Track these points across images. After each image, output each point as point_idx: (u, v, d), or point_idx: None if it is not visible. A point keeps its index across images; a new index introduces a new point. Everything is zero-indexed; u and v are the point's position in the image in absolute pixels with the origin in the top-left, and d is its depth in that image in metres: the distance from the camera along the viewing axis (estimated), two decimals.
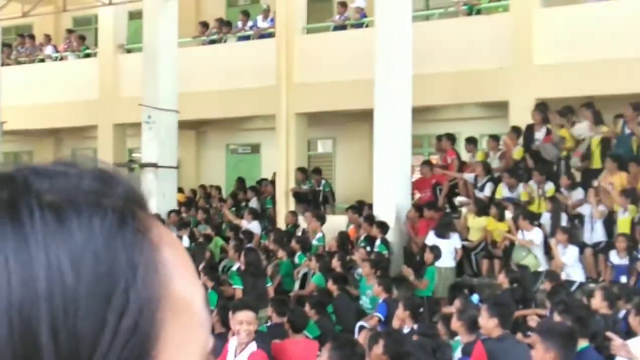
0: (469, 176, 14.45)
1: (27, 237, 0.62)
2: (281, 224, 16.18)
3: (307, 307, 9.93)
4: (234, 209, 17.28)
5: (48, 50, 22.25)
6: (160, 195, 16.11)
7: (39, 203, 0.63)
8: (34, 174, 0.66)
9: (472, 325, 7.25)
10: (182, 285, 0.67)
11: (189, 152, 21.04)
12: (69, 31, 22.48)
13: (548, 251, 12.10)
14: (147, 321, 0.64)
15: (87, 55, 21.62)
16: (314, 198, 16.88)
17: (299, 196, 17.01)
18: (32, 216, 0.63)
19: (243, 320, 6.70)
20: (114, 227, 0.64)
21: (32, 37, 23.11)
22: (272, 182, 18.32)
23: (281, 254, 13.32)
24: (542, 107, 14.36)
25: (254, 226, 15.55)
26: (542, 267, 11.91)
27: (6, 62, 20.77)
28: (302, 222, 15.19)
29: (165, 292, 0.66)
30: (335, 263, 12.06)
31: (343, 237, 13.52)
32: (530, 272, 11.55)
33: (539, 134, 14.17)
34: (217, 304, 9.84)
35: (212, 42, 20.00)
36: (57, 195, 0.64)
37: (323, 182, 17.60)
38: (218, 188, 19.49)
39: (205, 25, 20.48)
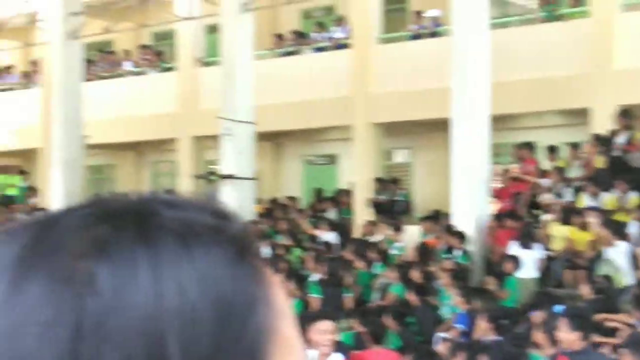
0: (545, 182, 14.24)
1: (158, 261, 0.66)
2: (359, 234, 16.17)
3: (387, 318, 9.90)
4: (311, 219, 17.33)
5: (128, 65, 22.71)
6: (238, 206, 16.26)
7: (168, 231, 0.68)
8: (162, 205, 0.70)
9: (555, 338, 7.13)
10: (288, 325, 0.71)
11: (266, 164, 21.20)
12: (144, 47, 22.92)
13: (636, 262, 11.79)
14: (259, 351, 0.67)
15: (167, 70, 22.00)
16: (392, 208, 16.83)
17: (376, 206, 16.98)
18: (162, 242, 0.67)
19: (326, 330, 6.70)
20: (233, 259, 0.69)
21: (112, 52, 23.64)
22: (349, 193, 18.34)
23: (359, 264, 13.30)
24: (625, 113, 14.05)
25: (332, 237, 15.58)
26: (628, 282, 11.58)
27: (88, 77, 21.26)
28: (380, 232, 15.15)
29: (275, 328, 0.69)
30: (415, 273, 11.99)
31: (423, 248, 13.44)
32: (615, 285, 11.26)
33: (621, 140, 13.87)
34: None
35: (288, 53, 20.15)
36: (183, 226, 0.68)
37: (400, 192, 17.54)
38: (296, 199, 19.59)
39: (280, 37, 20.66)
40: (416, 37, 18.27)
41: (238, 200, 16.39)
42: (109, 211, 0.69)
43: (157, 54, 22.50)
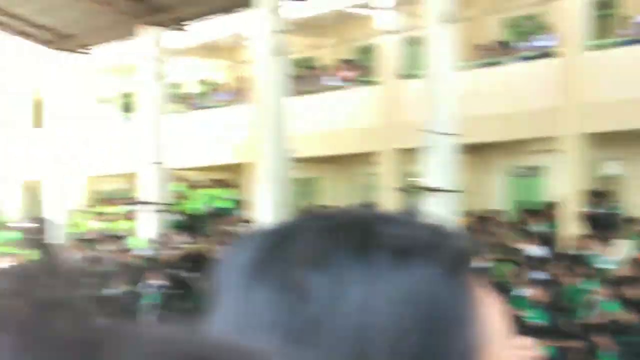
0: None
1: (371, 276, 0.72)
2: (566, 248, 15.61)
3: (600, 336, 9.49)
4: (516, 232, 16.93)
5: (330, 80, 23.14)
6: (442, 220, 16.10)
7: (384, 247, 0.73)
8: (380, 221, 0.76)
9: None
10: (500, 346, 0.74)
11: (469, 176, 20.92)
12: (346, 61, 23.28)
13: None
14: None
15: (369, 83, 22.23)
16: (604, 221, 16.14)
17: (588, 219, 16.35)
18: (377, 258, 0.73)
19: (525, 346, 6.48)
20: (446, 276, 0.73)
21: (315, 68, 24.18)
22: (555, 205, 17.77)
23: (568, 279, 12.83)
24: None
25: (540, 251, 15.13)
26: None
27: (293, 93, 21.82)
28: (591, 246, 14.55)
29: (484, 347, 0.72)
30: (631, 290, 11.40)
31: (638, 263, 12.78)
32: None
33: None
34: None
35: (492, 64, 19.83)
36: (399, 242, 0.73)
37: (612, 205, 16.80)
38: (500, 212, 19.21)
39: (483, 47, 20.37)
40: (627, 43, 17.48)
41: (441, 214, 16.25)
42: (331, 226, 0.76)
43: (359, 68, 22.79)
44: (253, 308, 0.72)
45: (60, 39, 25.89)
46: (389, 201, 20.69)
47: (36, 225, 25.81)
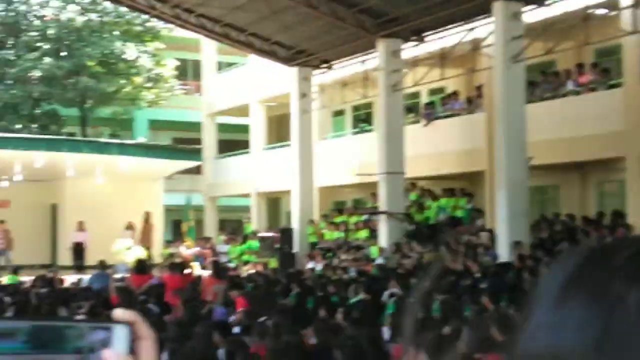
0: None
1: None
2: None
3: None
4: None
5: (571, 84, 22.34)
6: None
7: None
8: None
9: None
10: None
11: None
12: (588, 64, 22.36)
13: None
14: None
15: (612, 87, 21.25)
16: None
17: None
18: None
19: None
20: None
21: (555, 73, 23.42)
22: None
23: None
24: None
25: None
26: None
27: (531, 99, 21.28)
28: None
29: None
30: None
31: None
32: None
33: None
34: None
35: None
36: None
37: None
38: None
39: None
40: None
41: None
42: None
43: (602, 71, 21.82)
44: (569, 311, 0.82)
45: (299, 56, 26.81)
46: (636, 209, 19.65)
47: (279, 234, 26.87)
